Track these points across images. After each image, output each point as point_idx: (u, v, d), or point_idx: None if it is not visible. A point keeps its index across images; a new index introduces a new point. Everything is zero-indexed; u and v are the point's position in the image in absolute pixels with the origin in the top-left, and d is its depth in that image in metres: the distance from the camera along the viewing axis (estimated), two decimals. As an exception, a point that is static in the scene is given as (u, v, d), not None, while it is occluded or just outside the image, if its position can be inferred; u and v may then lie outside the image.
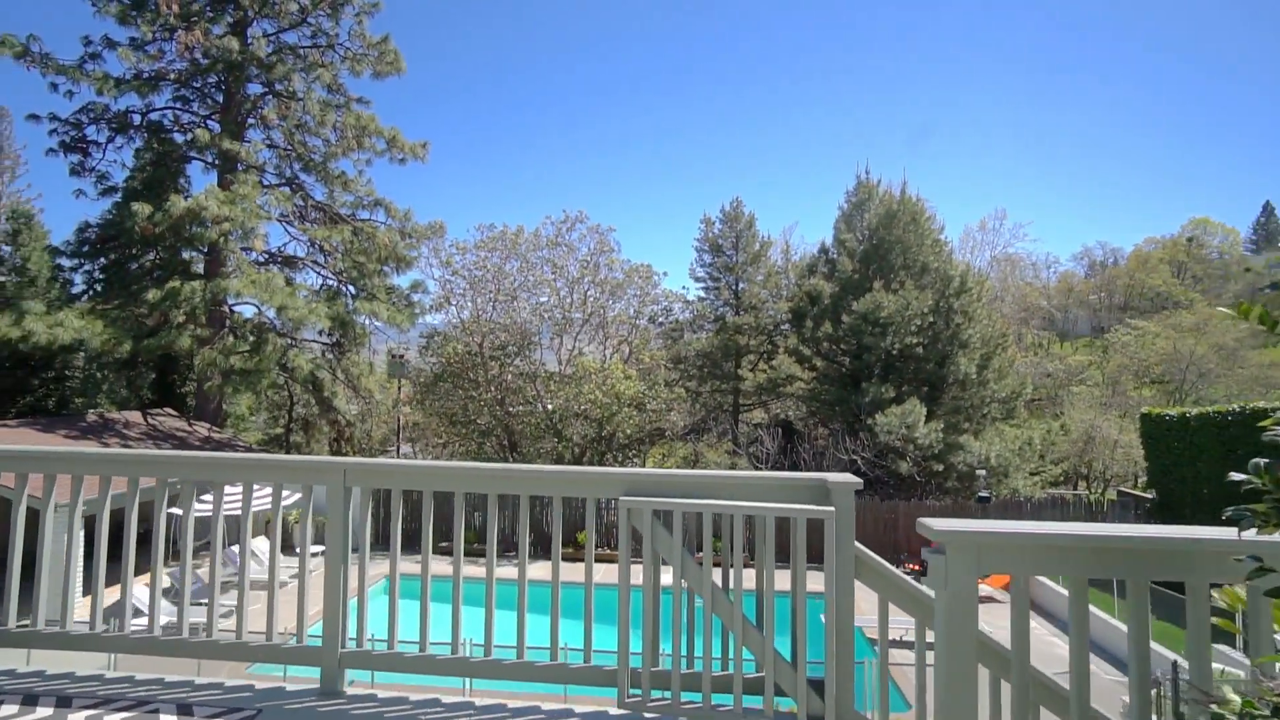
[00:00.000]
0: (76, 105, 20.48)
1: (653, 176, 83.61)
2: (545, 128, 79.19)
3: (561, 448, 24.02)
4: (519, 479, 3.34)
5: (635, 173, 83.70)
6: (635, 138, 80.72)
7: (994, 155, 74.44)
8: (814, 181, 79.85)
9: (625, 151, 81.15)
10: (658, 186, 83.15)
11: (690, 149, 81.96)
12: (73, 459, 3.72)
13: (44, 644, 3.63)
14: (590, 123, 79.07)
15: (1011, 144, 73.98)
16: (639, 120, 78.73)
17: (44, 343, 17.13)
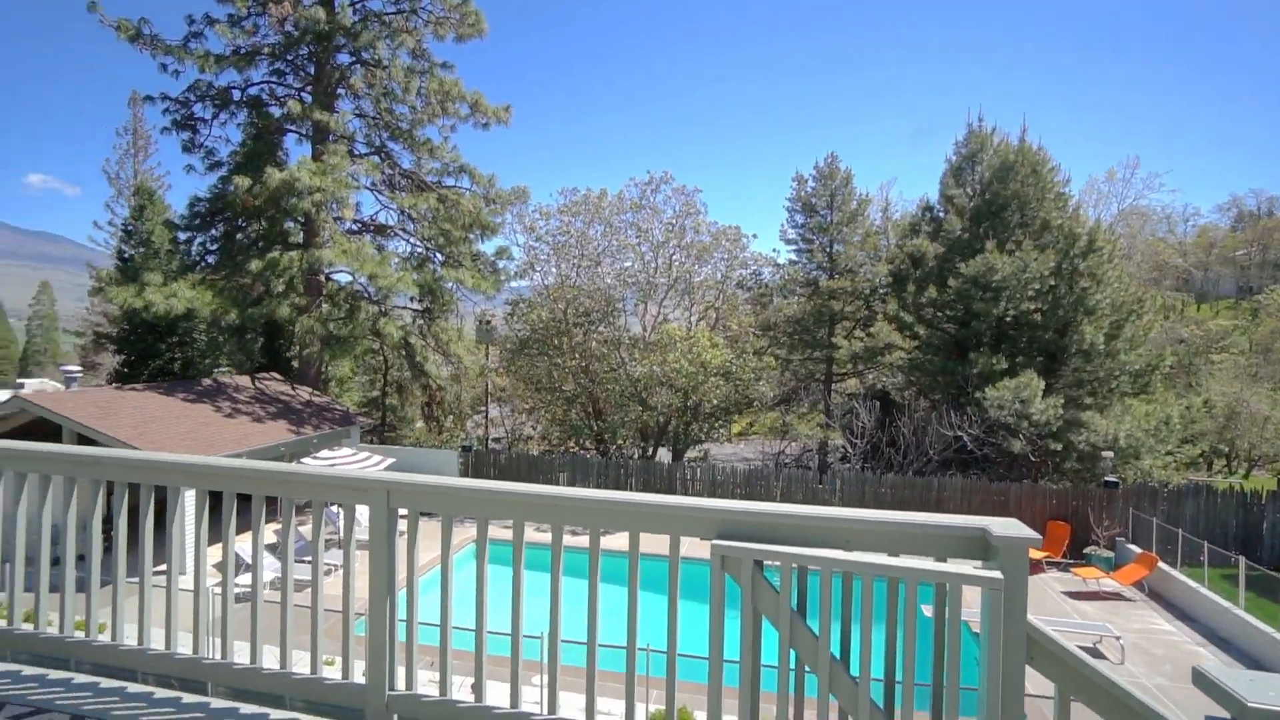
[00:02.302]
0: (184, 84, 21.37)
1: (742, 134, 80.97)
2: (629, 86, 77.90)
3: (646, 416, 23.67)
4: (589, 509, 2.75)
5: (723, 130, 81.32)
6: (723, 95, 78.16)
7: (1130, 97, 66.86)
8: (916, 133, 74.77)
9: (713, 109, 78.81)
10: (747, 144, 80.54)
11: (782, 103, 78.63)
12: (138, 465, 3.43)
13: (88, 655, 3.42)
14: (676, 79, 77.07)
15: (1151, 84, 66.11)
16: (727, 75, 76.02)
17: (161, 311, 18.19)
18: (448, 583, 2.93)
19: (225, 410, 18.19)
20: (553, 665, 2.84)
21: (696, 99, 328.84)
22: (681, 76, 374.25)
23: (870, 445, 21.80)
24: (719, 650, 2.55)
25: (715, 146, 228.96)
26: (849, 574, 2.45)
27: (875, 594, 2.41)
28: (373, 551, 2.94)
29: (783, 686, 2.46)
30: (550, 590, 2.81)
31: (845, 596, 2.49)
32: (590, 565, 2.77)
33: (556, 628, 2.81)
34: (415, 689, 2.97)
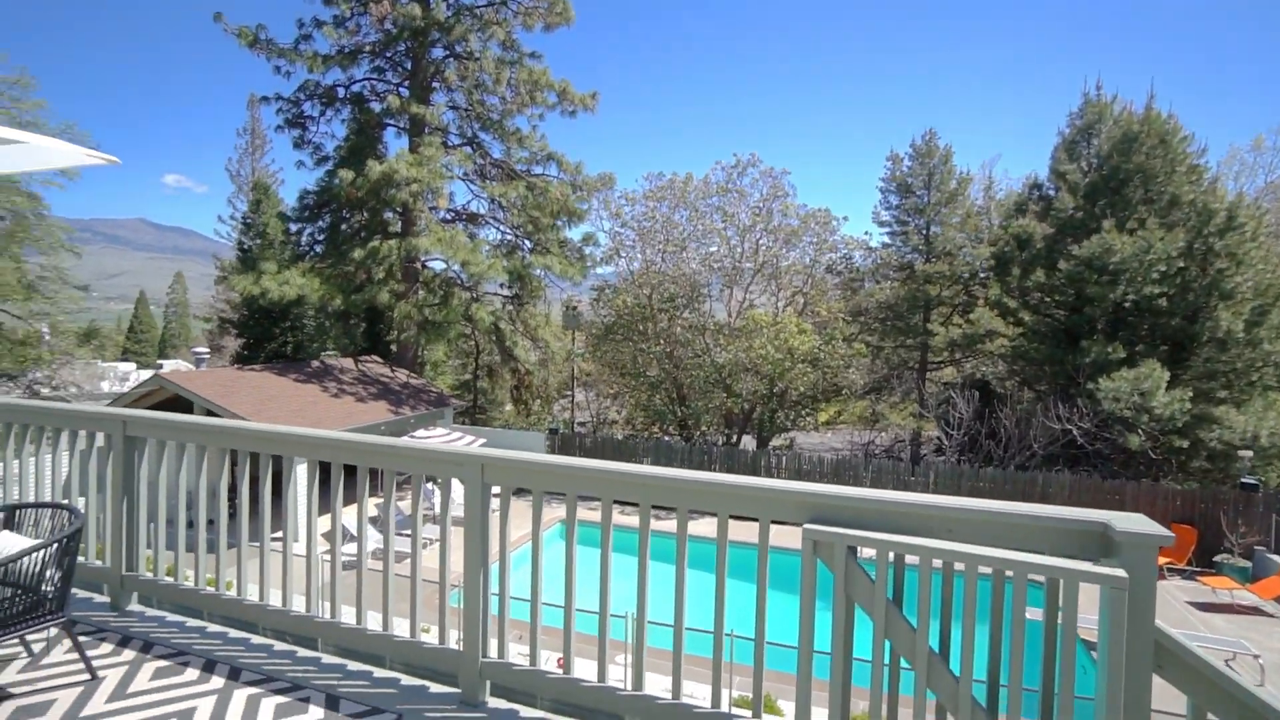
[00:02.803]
0: (294, 84, 22.77)
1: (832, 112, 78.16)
2: (715, 68, 76.63)
3: (731, 403, 23.47)
4: (677, 489, 2.73)
5: (814, 110, 78.73)
6: (813, 72, 75.54)
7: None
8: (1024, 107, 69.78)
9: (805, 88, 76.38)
10: (838, 124, 77.71)
11: (876, 80, 75.22)
12: (267, 437, 3.71)
13: (218, 608, 3.74)
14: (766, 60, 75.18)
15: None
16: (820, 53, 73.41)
17: (276, 298, 19.61)
18: (538, 557, 2.99)
19: (332, 390, 19.43)
20: (639, 643, 2.85)
21: (787, 79, 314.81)
22: (772, 57, 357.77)
23: (968, 437, 20.71)
24: (809, 639, 2.48)
25: (806, 127, 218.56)
26: (950, 564, 2.33)
27: (979, 588, 2.27)
28: (468, 524, 3.04)
29: (876, 679, 2.36)
30: (638, 571, 2.82)
31: (946, 588, 2.37)
32: (678, 548, 2.75)
33: (644, 606, 2.83)
34: (507, 657, 3.06)
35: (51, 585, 2.98)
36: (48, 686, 3.08)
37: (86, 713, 2.89)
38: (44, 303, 24.78)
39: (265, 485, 3.66)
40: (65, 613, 3.08)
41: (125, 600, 3.94)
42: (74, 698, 2.99)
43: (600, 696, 2.85)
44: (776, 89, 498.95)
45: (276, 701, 2.99)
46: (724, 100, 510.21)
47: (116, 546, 3.92)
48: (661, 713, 2.75)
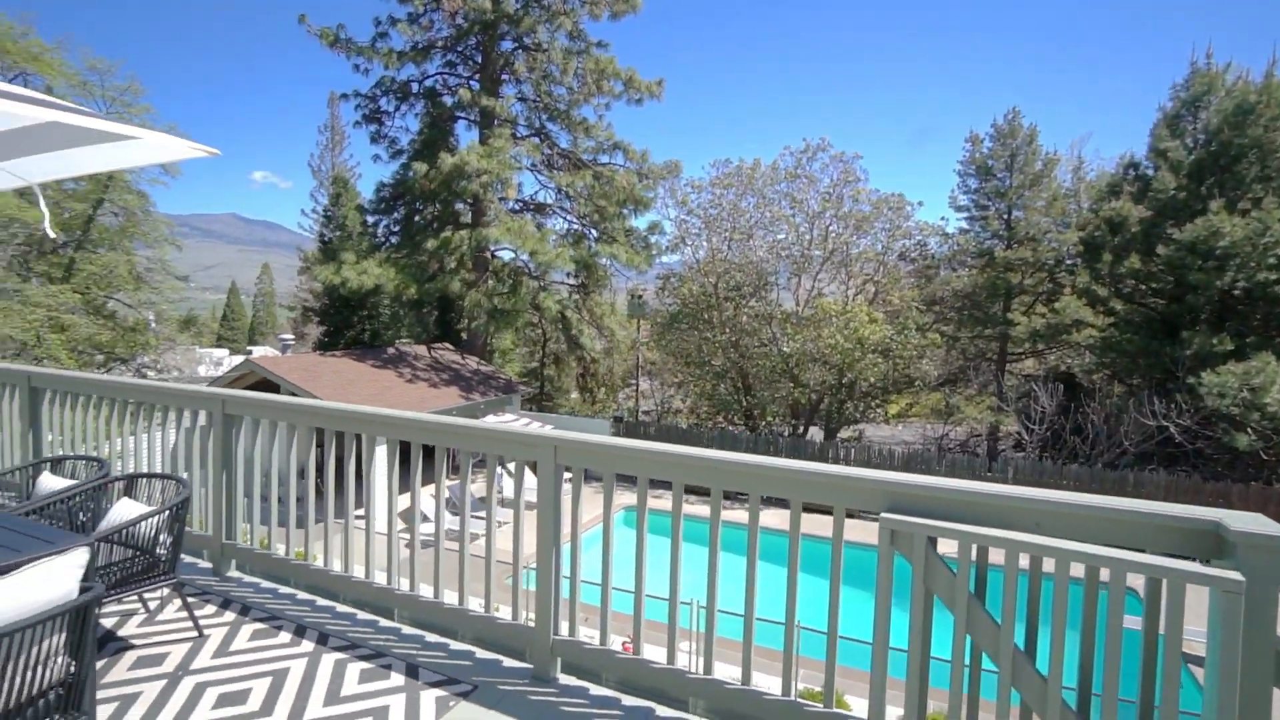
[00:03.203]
0: (371, 80, 23.60)
1: (905, 92, 75.08)
2: (784, 50, 74.76)
3: (798, 393, 23.07)
4: (748, 474, 2.71)
5: (887, 91, 75.85)
6: (887, 52, 72.71)
7: None
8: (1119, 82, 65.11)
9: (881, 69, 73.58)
10: (912, 104, 74.60)
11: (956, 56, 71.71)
12: (352, 416, 3.89)
13: (307, 578, 3.95)
14: (839, 40, 72.79)
15: None
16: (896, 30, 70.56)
17: (354, 287, 20.50)
18: (609, 538, 3.03)
19: (406, 376, 20.20)
20: (709, 628, 2.85)
21: (859, 60, 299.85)
22: (845, 38, 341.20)
23: (1050, 433, 19.69)
24: (884, 633, 2.42)
25: (882, 110, 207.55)
26: (1038, 560, 2.22)
27: (1070, 588, 2.16)
28: (541, 504, 3.10)
29: (956, 675, 2.28)
30: (709, 556, 2.81)
31: (1034, 584, 2.26)
32: (749, 534, 2.73)
33: (714, 592, 2.82)
34: (577, 636, 3.12)
35: (164, 549, 3.23)
36: (162, 640, 3.35)
37: (196, 665, 3.12)
38: (150, 292, 26.73)
39: (349, 464, 3.84)
40: (176, 575, 3.33)
41: (225, 566, 4.22)
42: (184, 652, 3.23)
43: (669, 679, 2.87)
44: (847, 69, 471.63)
45: (361, 667, 3.15)
46: (793, 84, 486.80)
47: (217, 517, 4.21)
48: (730, 698, 2.75)
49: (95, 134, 2.82)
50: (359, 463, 3.86)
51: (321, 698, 2.90)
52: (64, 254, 24.24)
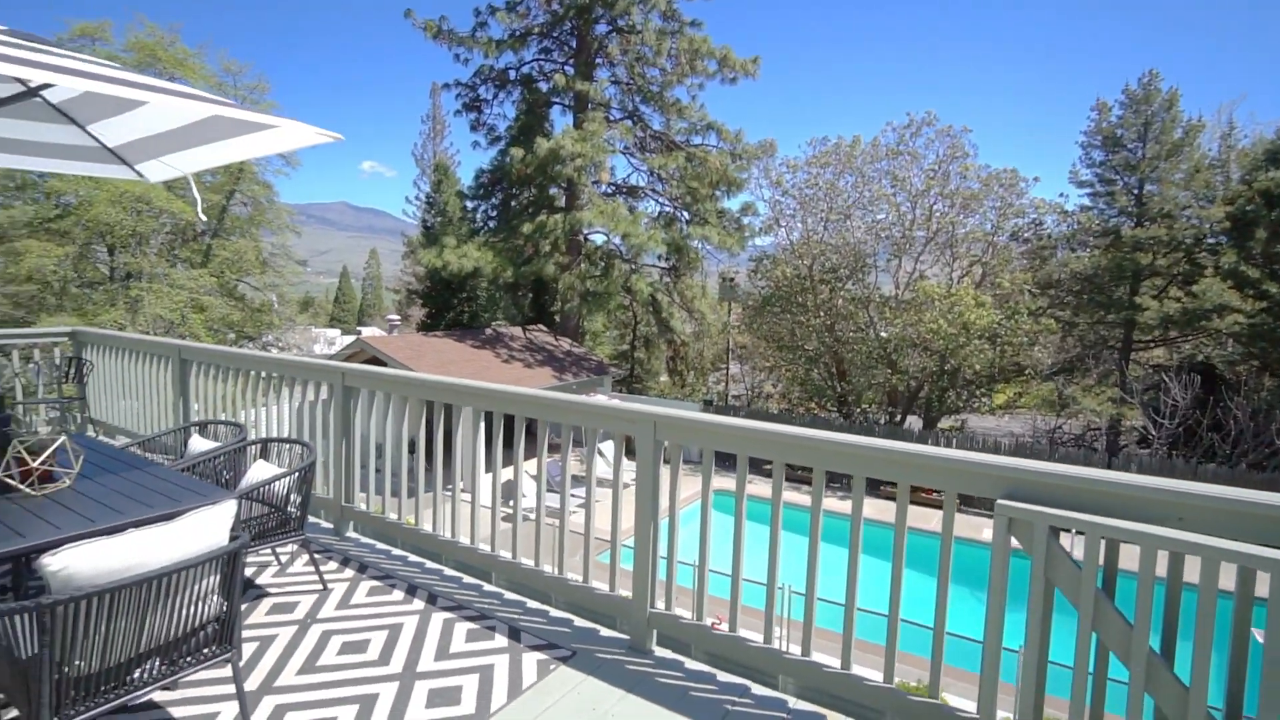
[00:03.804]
0: (471, 70, 24.36)
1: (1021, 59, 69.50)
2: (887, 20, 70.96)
3: (895, 380, 22.17)
4: (853, 454, 2.62)
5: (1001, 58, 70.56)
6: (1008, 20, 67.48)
7: None
8: (1277, 34, 57.95)
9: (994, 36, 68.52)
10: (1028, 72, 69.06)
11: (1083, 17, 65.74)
12: (455, 389, 4.09)
13: (418, 541, 4.19)
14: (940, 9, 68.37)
15: None
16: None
17: (455, 270, 21.39)
18: (707, 515, 3.04)
19: (503, 356, 20.93)
20: (809, 610, 2.81)
21: (969, 28, 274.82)
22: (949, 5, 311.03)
23: (1182, 428, 17.97)
24: (997, 631, 2.30)
25: (994, 82, 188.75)
26: (1179, 557, 2.03)
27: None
28: (639, 479, 3.14)
29: (1079, 676, 2.14)
30: (809, 535, 2.76)
31: (1173, 586, 2.08)
32: (854, 521, 2.66)
33: (814, 573, 2.77)
34: (673, 610, 3.15)
35: (294, 508, 3.51)
36: (292, 590, 3.66)
37: (322, 615, 3.39)
38: (274, 275, 29.00)
39: (457, 436, 4.04)
40: (303, 532, 3.62)
41: (344, 528, 4.55)
42: (311, 602, 3.52)
43: (765, 657, 2.86)
44: (954, 39, 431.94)
45: (468, 627, 3.32)
46: (898, 56, 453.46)
47: (337, 481, 4.53)
48: (828, 680, 2.70)
49: (246, 124, 3.06)
50: (457, 436, 4.04)
51: (433, 652, 3.09)
52: (202, 241, 26.65)
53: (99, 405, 6.87)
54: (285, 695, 2.73)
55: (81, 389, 6.85)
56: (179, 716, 2.59)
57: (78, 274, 23.07)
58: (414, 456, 4.18)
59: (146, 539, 2.12)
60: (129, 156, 4.07)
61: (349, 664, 2.97)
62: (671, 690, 2.85)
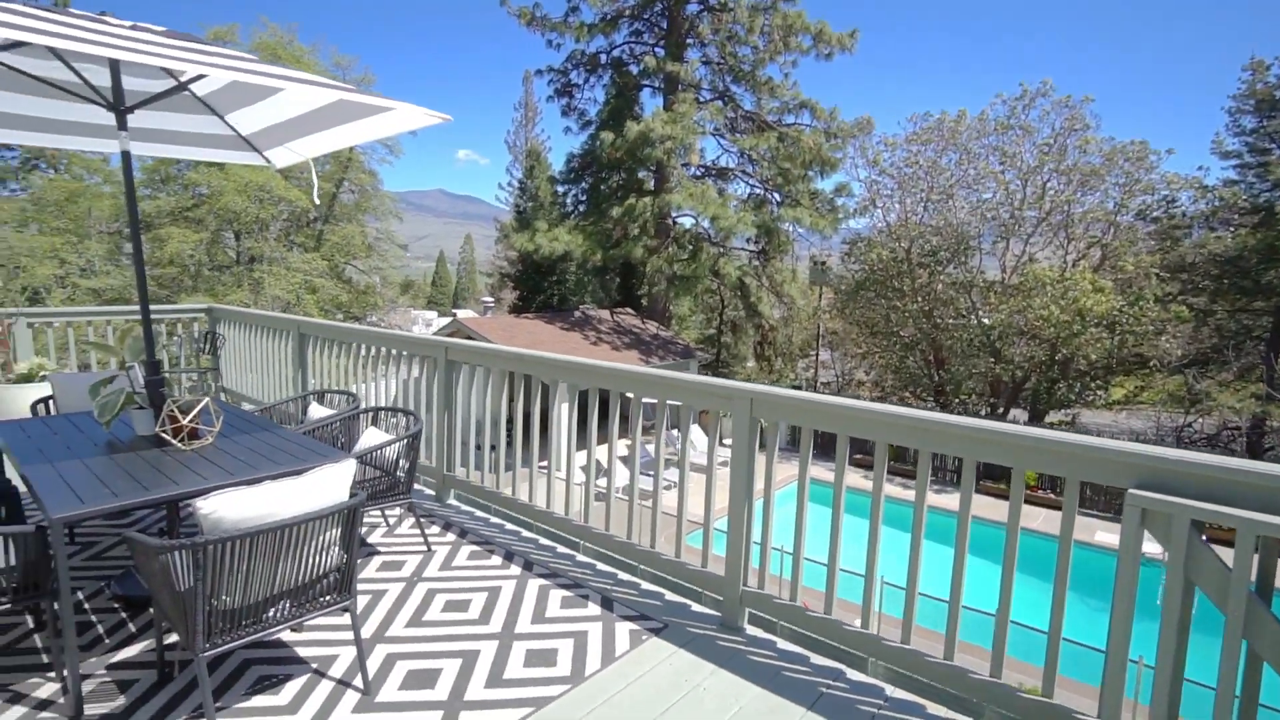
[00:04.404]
0: (563, 55, 24.66)
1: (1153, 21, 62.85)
2: (999, -14, 65.96)
3: (999, 370, 20.92)
4: (963, 436, 2.49)
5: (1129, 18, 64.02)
6: (1131, -27, 61.19)
7: None
8: None
9: None
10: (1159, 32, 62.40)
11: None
12: (551, 364, 4.20)
13: (516, 509, 4.34)
14: (1063, -33, 62.71)
15: None
16: (1140, -53, 59.21)
17: (546, 253, 21.87)
18: (804, 494, 2.98)
19: (591, 338, 21.28)
20: (910, 598, 2.71)
21: None
22: None
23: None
24: (1124, 637, 2.13)
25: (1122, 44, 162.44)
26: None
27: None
28: (734, 456, 3.12)
29: (1226, 684, 1.96)
30: (913, 517, 2.66)
31: (1342, 590, 1.86)
32: (961, 510, 2.53)
33: (918, 553, 2.67)
34: (766, 588, 3.12)
35: (403, 473, 3.71)
36: (400, 550, 3.88)
37: (427, 574, 3.58)
38: (378, 260, 30.70)
39: (553, 412, 4.14)
40: (410, 496, 3.82)
41: (445, 495, 4.78)
42: (416, 562, 3.72)
43: (863, 641, 2.79)
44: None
45: (562, 594, 3.42)
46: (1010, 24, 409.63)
47: (440, 450, 4.76)
48: (929, 670, 2.61)
49: (365, 108, 3.23)
50: (553, 412, 4.14)
51: (529, 615, 3.20)
52: (315, 227, 28.51)
53: (229, 376, 7.52)
54: (395, 645, 2.91)
55: (215, 360, 7.50)
56: (304, 655, 2.81)
57: (209, 258, 25.25)
58: (511, 430, 4.33)
59: (279, 491, 2.30)
60: (259, 144, 4.39)
61: (452, 621, 3.13)
62: (764, 668, 2.83)
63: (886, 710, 2.57)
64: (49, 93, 3.33)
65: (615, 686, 2.67)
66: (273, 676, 2.65)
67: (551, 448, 4.55)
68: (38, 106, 3.52)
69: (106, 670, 2.66)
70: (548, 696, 2.59)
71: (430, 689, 2.61)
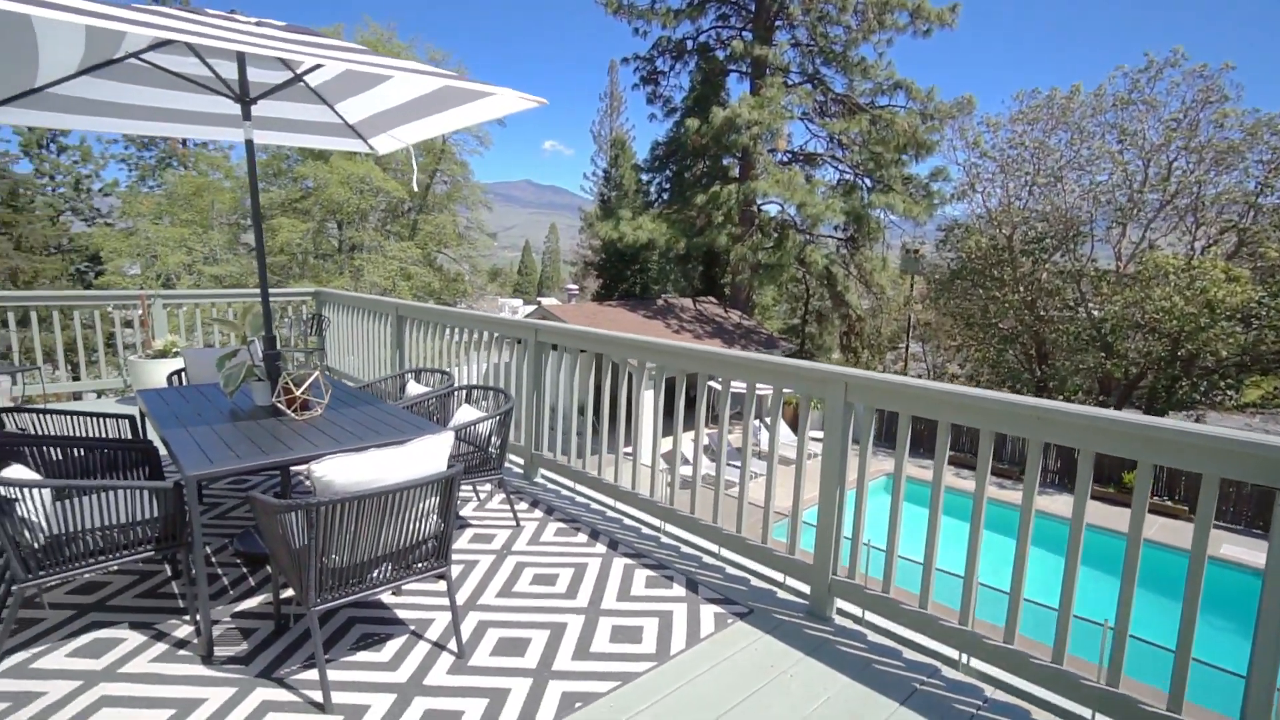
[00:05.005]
0: (649, 42, 24.61)
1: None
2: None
3: (1111, 366, 19.42)
4: (1082, 425, 2.31)
5: (1273, -18, 57.27)
6: (1280, -73, 54.64)
7: None
8: None
9: (1258, -47, 55.83)
10: (1315, -5, 55.33)
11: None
12: (639, 345, 4.23)
13: (602, 490, 4.40)
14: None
15: None
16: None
17: (630, 241, 21.98)
18: (900, 483, 2.86)
19: (674, 326, 21.27)
20: (1015, 598, 2.56)
21: None
22: None
23: None
24: (1270, 663, 1.92)
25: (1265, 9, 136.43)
26: None
27: None
28: (827, 441, 3.03)
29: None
30: (1021, 511, 2.50)
31: None
32: (1076, 506, 2.35)
33: (1025, 549, 2.51)
34: (856, 579, 3.03)
35: (494, 449, 3.83)
36: (490, 524, 4.02)
37: (516, 548, 3.69)
38: (468, 248, 31.79)
39: (640, 393, 4.16)
40: (500, 472, 3.94)
41: (533, 473, 4.90)
42: (506, 536, 3.84)
43: (961, 638, 2.65)
44: None
45: (647, 574, 3.43)
46: None
47: (529, 429, 4.88)
48: (1036, 673, 2.45)
49: (466, 93, 3.33)
50: (638, 396, 4.15)
51: (615, 593, 3.23)
52: (409, 217, 29.82)
53: (332, 357, 7.99)
54: (487, 613, 3.01)
55: (321, 340, 7.99)
56: (403, 617, 2.95)
57: (314, 246, 26.89)
58: (598, 413, 4.38)
59: (384, 458, 2.42)
60: (364, 131, 4.61)
61: (540, 593, 3.20)
62: (853, 659, 2.75)
63: (986, 712, 2.44)
64: (185, 87, 3.61)
65: (700, 667, 2.66)
66: (375, 635, 2.81)
67: (635, 431, 4.57)
68: (175, 100, 3.83)
69: (231, 618, 2.89)
70: (633, 672, 2.61)
71: (520, 657, 2.69)
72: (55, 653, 2.63)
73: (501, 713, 2.35)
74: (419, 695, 2.43)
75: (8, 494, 2.37)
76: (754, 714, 2.40)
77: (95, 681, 2.45)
